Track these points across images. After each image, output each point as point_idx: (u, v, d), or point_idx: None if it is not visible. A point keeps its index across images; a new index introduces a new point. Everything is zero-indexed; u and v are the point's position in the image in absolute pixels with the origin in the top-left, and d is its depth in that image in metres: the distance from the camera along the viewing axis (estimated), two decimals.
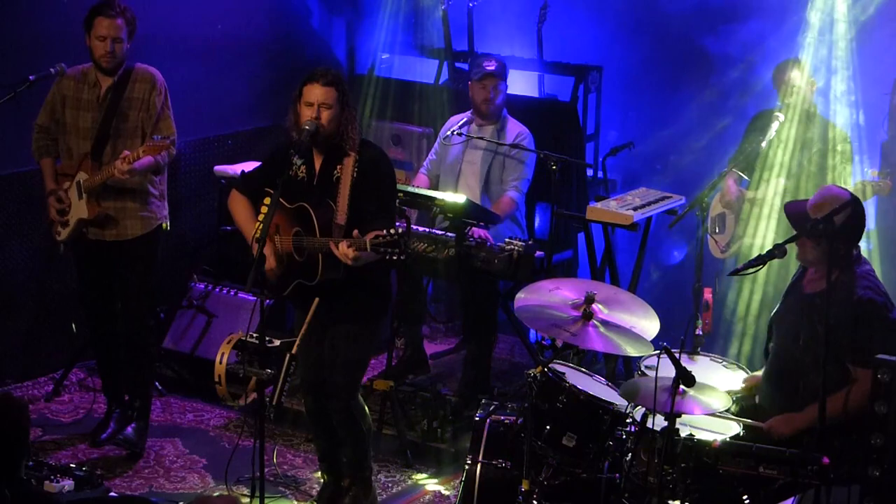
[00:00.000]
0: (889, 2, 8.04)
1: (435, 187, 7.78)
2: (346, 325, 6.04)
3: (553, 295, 5.79)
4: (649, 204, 7.68)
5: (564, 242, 8.48)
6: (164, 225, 6.93)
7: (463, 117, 7.86)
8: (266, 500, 5.80)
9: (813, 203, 5.69)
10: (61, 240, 6.86)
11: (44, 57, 6.86)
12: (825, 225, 5.38)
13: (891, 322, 5.58)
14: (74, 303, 7.66)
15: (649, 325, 5.72)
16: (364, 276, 5.90)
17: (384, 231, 5.58)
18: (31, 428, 5.12)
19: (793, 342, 5.74)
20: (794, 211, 5.79)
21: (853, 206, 5.61)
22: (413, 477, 6.94)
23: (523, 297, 5.83)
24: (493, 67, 7.69)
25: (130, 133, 6.71)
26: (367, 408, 6.29)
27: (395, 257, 5.57)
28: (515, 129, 7.74)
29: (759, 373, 5.99)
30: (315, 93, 5.89)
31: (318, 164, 6.02)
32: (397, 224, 5.99)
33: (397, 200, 6.63)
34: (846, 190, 5.87)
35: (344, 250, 5.69)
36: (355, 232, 5.67)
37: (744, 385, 5.98)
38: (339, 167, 5.96)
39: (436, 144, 8.01)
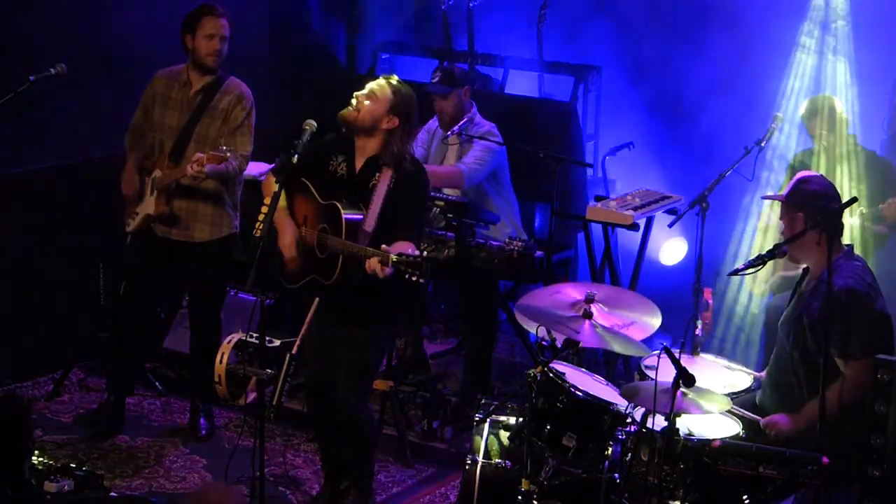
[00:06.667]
0: (889, 1, 8.04)
1: None
2: (354, 330, 6.01)
3: (554, 297, 5.81)
4: (649, 204, 7.68)
5: (564, 242, 8.48)
6: (235, 234, 7.05)
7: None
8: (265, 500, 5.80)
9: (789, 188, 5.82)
10: (129, 231, 7.03)
11: (44, 57, 6.85)
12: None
13: (874, 312, 5.57)
14: (76, 303, 7.66)
15: (651, 321, 5.75)
16: (374, 282, 5.88)
17: (410, 252, 5.55)
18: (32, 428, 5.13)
19: (786, 339, 5.76)
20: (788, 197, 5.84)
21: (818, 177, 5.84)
22: (413, 477, 6.94)
23: (524, 301, 5.85)
24: (436, 80, 7.61)
25: (212, 141, 6.83)
26: (375, 415, 6.28)
27: (413, 278, 5.52)
28: (485, 127, 7.65)
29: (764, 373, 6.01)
30: (371, 81, 5.97)
31: (358, 164, 6.00)
32: (447, 235, 5.85)
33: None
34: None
35: (374, 266, 5.63)
36: (384, 246, 5.64)
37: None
38: (377, 175, 5.93)
39: (422, 137, 7.92)
